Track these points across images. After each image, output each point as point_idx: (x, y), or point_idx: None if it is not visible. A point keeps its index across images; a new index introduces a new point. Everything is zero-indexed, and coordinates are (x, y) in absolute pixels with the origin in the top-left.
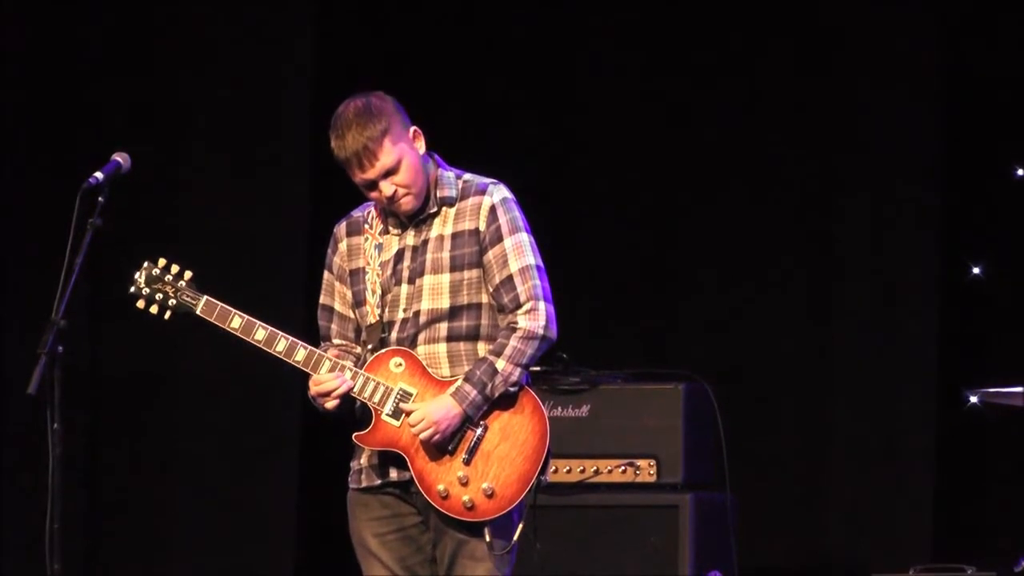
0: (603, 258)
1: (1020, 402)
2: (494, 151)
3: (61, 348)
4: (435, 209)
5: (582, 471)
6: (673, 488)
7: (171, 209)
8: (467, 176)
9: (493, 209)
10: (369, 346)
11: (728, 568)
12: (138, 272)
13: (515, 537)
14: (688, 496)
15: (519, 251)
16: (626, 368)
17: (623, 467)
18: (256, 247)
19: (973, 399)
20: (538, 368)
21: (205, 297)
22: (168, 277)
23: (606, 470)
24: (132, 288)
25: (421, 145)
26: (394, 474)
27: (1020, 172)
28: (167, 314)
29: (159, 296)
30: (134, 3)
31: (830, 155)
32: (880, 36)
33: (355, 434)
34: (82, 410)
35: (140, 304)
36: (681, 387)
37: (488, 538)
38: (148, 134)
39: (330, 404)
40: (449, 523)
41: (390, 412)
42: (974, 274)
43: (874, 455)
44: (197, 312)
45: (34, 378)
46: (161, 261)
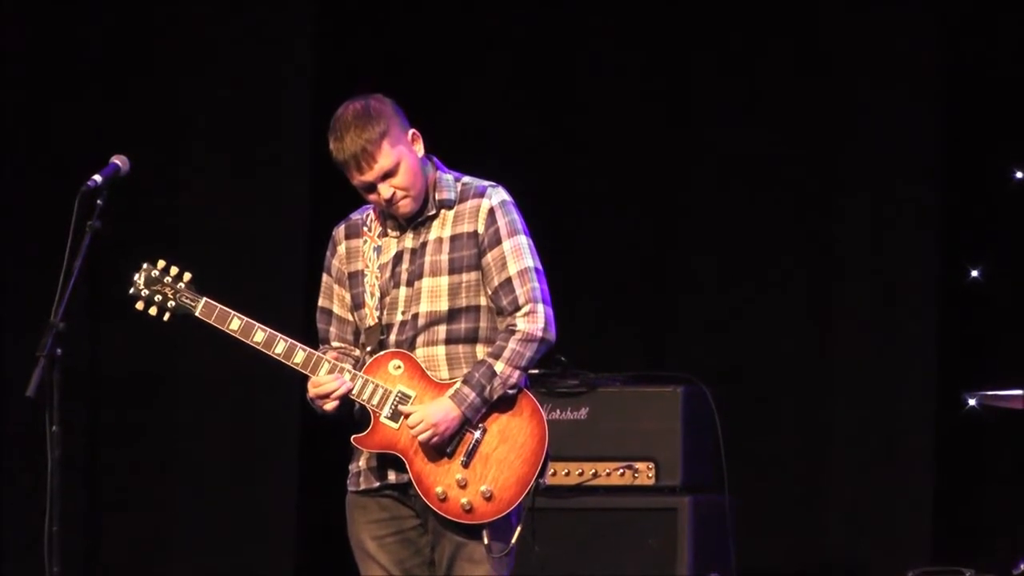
0: (602, 258)
1: (1020, 404)
2: (494, 151)
3: (60, 351)
4: (434, 212)
5: (580, 474)
6: (672, 491)
7: (171, 209)
8: (466, 179)
9: (492, 212)
10: (368, 348)
11: (727, 570)
12: (137, 274)
13: (513, 540)
14: (687, 499)
15: (518, 254)
16: (625, 370)
17: (621, 470)
18: (256, 248)
19: (971, 401)
20: (536, 371)
21: (204, 299)
22: (167, 279)
23: (604, 473)
24: (131, 290)
25: (420, 148)
26: (392, 476)
27: (1019, 175)
28: (166, 316)
29: (158, 298)
30: (134, 3)
31: (830, 155)
32: (880, 36)
33: (354, 436)
34: (82, 411)
35: (139, 306)
36: (679, 390)
37: (486, 540)
38: (148, 134)
39: (329, 406)
40: (447, 525)
41: (389, 414)
42: (973, 276)
43: (873, 456)
44: (196, 314)
45: (33, 380)
46: (160, 263)
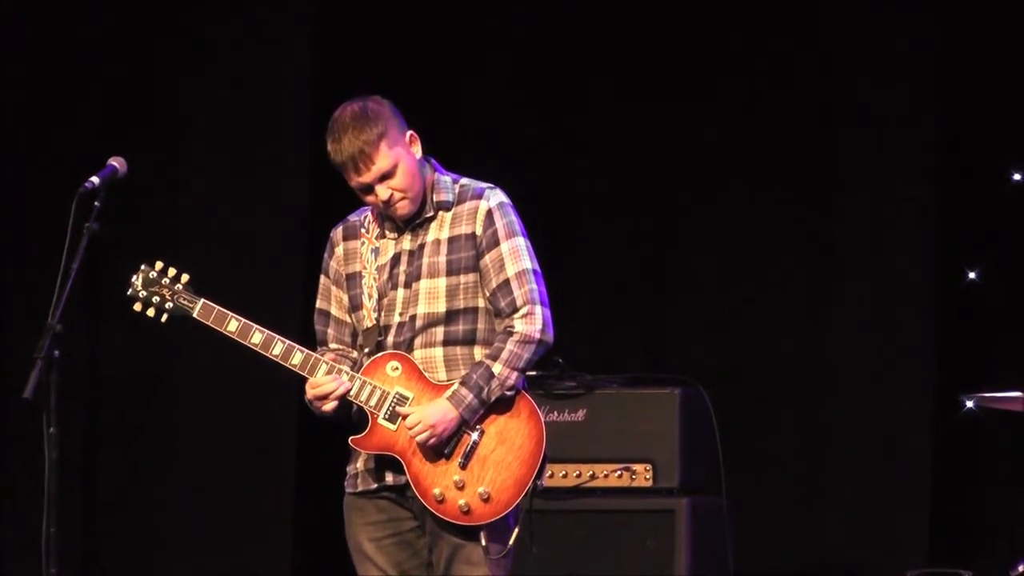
0: (602, 259)
1: (1018, 406)
2: (494, 151)
3: (57, 352)
4: (431, 213)
5: (578, 475)
6: (669, 492)
7: (170, 210)
8: (464, 180)
9: (490, 213)
10: (366, 350)
11: (725, 572)
12: (135, 275)
13: (511, 541)
14: (684, 500)
15: (516, 255)
16: (624, 371)
17: (619, 471)
18: (254, 249)
19: (969, 403)
20: (534, 372)
21: (202, 300)
22: (165, 280)
23: (602, 474)
24: (129, 291)
25: (417, 149)
26: (390, 478)
27: (1017, 176)
28: (164, 317)
29: (156, 299)
30: (134, 3)
31: (830, 156)
32: (880, 36)
33: (351, 438)
34: (80, 412)
35: (137, 307)
36: (677, 391)
37: (484, 542)
38: (148, 134)
39: (327, 407)
40: (445, 527)
41: (387, 416)
42: (971, 278)
43: (872, 458)
44: (194, 315)
45: (30, 382)
46: (158, 264)
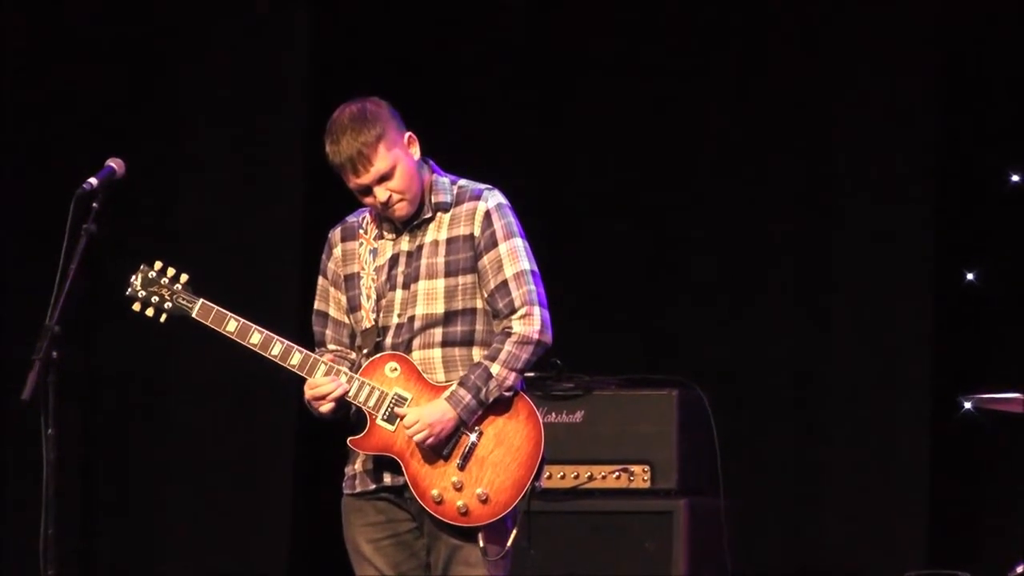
0: (601, 259)
1: (1018, 408)
2: (494, 152)
3: (56, 353)
4: (430, 214)
5: (576, 477)
6: (667, 494)
7: (169, 210)
8: (462, 182)
9: (488, 214)
10: (364, 351)
11: (723, 573)
12: (134, 275)
13: (509, 543)
14: (682, 502)
15: (514, 256)
16: (623, 371)
17: (617, 473)
18: (252, 250)
19: (967, 405)
20: (532, 374)
21: (201, 300)
22: (164, 280)
23: (600, 476)
24: (128, 291)
25: (416, 151)
26: (388, 479)
27: (1015, 178)
28: (163, 317)
29: (155, 299)
30: (134, 3)
31: (829, 157)
32: (879, 37)
33: (350, 438)
34: (78, 412)
35: (136, 307)
36: (675, 393)
37: (482, 543)
38: (147, 135)
39: (325, 408)
40: (443, 528)
41: (385, 416)
42: (969, 279)
43: (870, 459)
44: (193, 315)
45: (28, 383)
46: (157, 264)
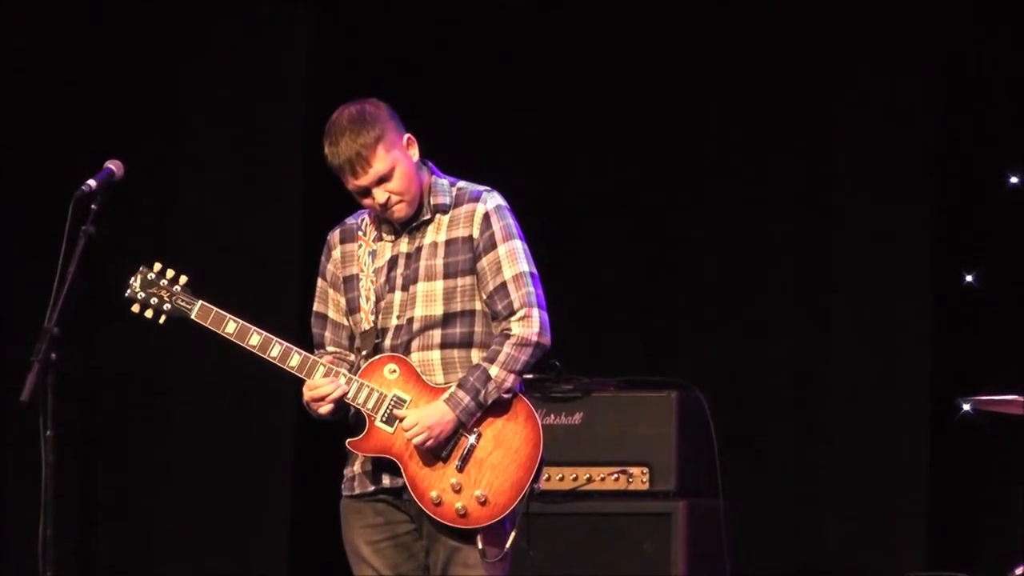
0: (599, 261)
1: (1017, 409)
2: (494, 152)
3: (55, 355)
4: (428, 216)
5: (575, 479)
6: (666, 496)
7: (168, 211)
8: (461, 183)
9: (487, 216)
10: (363, 352)
11: (722, 575)
12: (134, 277)
13: (508, 544)
14: (681, 504)
15: (512, 258)
16: (623, 372)
17: (616, 475)
18: (251, 251)
19: (966, 407)
20: (531, 375)
21: (200, 302)
22: (163, 282)
23: (599, 478)
24: (127, 292)
25: (415, 152)
26: (387, 481)
27: (1014, 180)
28: (162, 319)
29: (154, 301)
30: (134, 3)
31: (828, 158)
32: (879, 38)
33: (348, 440)
34: (78, 413)
35: (135, 308)
36: (674, 395)
37: (481, 545)
38: (147, 135)
39: (324, 409)
40: (442, 530)
41: (384, 418)
42: (968, 281)
43: (870, 461)
44: (192, 317)
45: (27, 385)
46: (156, 266)
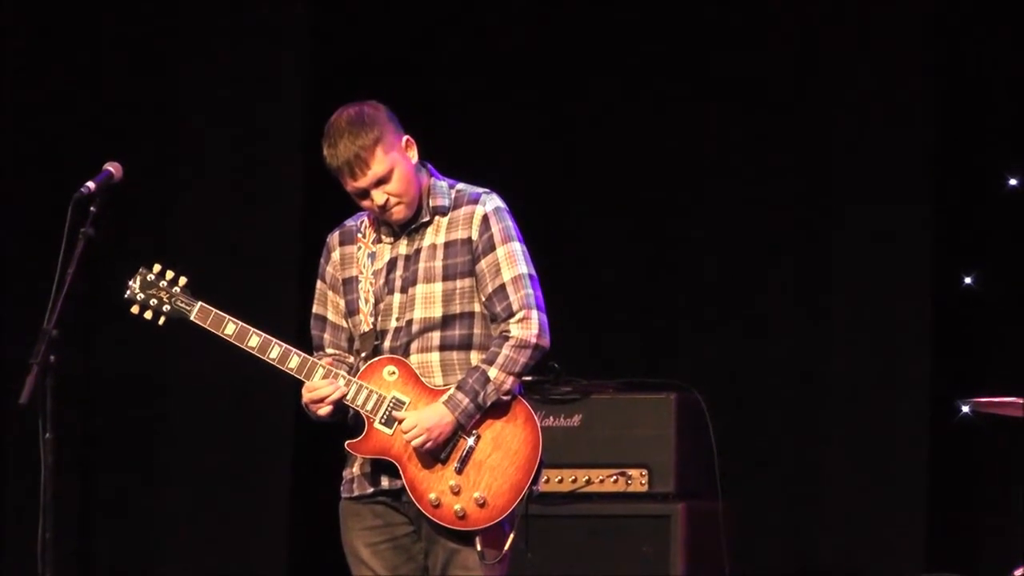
0: (598, 262)
1: (1016, 411)
2: (494, 152)
3: (54, 357)
4: (427, 218)
5: (574, 481)
6: (665, 497)
7: (167, 212)
8: (460, 185)
9: (486, 218)
10: (362, 354)
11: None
12: (133, 278)
13: (506, 546)
14: (680, 505)
15: (511, 260)
16: (622, 373)
17: (615, 477)
18: (251, 253)
19: (965, 408)
20: (530, 378)
21: (199, 303)
22: (163, 283)
23: (598, 480)
24: (127, 294)
25: (413, 154)
26: (386, 482)
27: (1012, 182)
28: (161, 320)
29: (154, 302)
30: (134, 3)
31: (828, 159)
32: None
33: (347, 442)
34: (77, 415)
35: (135, 310)
36: (673, 396)
37: (479, 547)
38: (147, 135)
39: (323, 411)
40: (441, 532)
41: (383, 420)
42: (967, 283)
43: (869, 462)
44: (191, 318)
45: (26, 388)
46: (156, 267)
